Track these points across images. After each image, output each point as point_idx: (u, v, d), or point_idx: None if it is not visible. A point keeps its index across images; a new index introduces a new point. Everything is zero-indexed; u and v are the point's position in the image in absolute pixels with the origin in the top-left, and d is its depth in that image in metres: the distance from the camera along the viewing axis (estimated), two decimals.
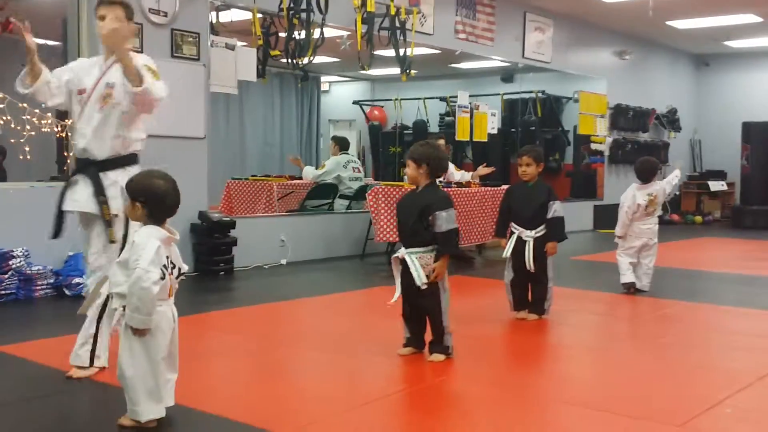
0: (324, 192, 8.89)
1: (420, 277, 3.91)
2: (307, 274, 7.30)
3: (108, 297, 3.30)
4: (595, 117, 12.33)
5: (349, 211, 8.80)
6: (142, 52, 6.53)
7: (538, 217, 5.14)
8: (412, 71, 8.75)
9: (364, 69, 8.15)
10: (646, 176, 6.34)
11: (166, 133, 6.77)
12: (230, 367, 4.04)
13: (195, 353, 4.08)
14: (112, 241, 3.57)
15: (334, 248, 8.38)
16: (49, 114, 6.23)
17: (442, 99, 13.05)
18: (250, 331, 4.90)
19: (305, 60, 7.62)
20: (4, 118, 6.00)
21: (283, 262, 7.73)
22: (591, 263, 8.53)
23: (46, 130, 6.25)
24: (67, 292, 5.74)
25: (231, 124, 12.67)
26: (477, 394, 3.62)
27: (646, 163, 6.48)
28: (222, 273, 6.98)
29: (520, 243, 5.14)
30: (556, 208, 5.14)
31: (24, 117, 6.11)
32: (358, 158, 14.19)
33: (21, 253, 5.72)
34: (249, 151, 13.22)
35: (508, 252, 5.18)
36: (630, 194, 6.31)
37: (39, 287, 5.73)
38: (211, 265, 6.93)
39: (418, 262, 3.95)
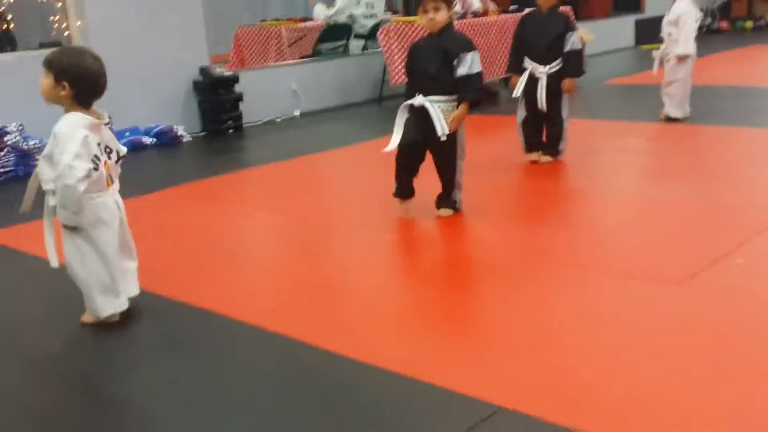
0: (337, 33, 8.37)
1: (443, 127, 3.62)
2: (322, 124, 6.96)
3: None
4: None
5: (364, 52, 8.29)
6: None
7: (554, 50, 4.65)
8: None
9: None
10: None
11: None
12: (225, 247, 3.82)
13: (190, 229, 3.89)
14: None
15: (349, 94, 7.97)
16: None
17: None
18: (230, 199, 4.64)
19: None
20: None
21: (297, 113, 7.38)
22: (627, 88, 7.91)
23: None
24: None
25: None
26: (481, 258, 3.35)
27: None
28: (231, 131, 6.69)
29: (533, 80, 4.69)
30: (574, 40, 4.63)
31: None
32: None
33: (15, 128, 5.49)
34: None
35: (518, 91, 4.74)
36: (689, 4, 5.67)
37: (37, 162, 5.53)
38: (218, 123, 6.64)
39: (439, 111, 3.64)
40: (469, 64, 3.65)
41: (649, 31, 11.43)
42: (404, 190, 3.94)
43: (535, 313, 2.70)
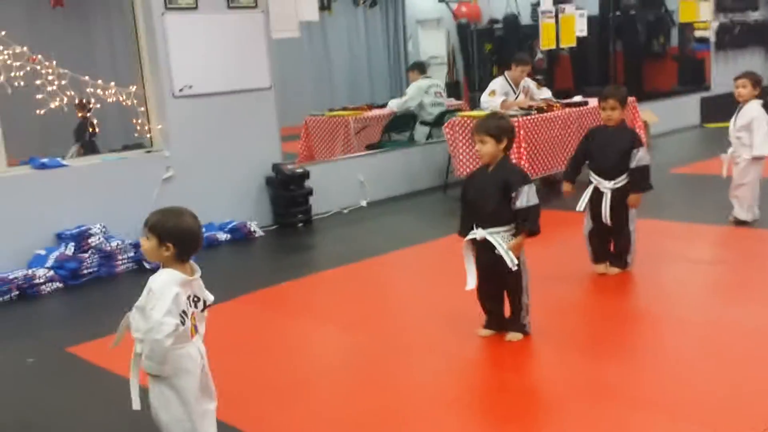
0: (403, 122, 8.59)
1: (512, 259, 3.76)
2: (387, 217, 7.12)
3: None
4: (698, 1, 11.26)
5: (429, 141, 8.48)
6: (196, 7, 6.34)
7: (619, 166, 4.71)
8: None
9: None
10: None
11: (230, 88, 6.64)
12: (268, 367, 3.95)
13: (254, 352, 4.03)
14: None
15: (415, 182, 8.14)
16: (112, 83, 6.19)
17: None
18: (300, 309, 4.79)
19: None
20: (69, 93, 5.99)
21: (363, 203, 7.57)
22: (695, 179, 7.87)
23: (111, 100, 6.22)
24: (146, 265, 5.76)
25: (314, 43, 12.45)
26: (548, 393, 3.40)
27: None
28: (300, 224, 6.89)
29: (598, 194, 4.76)
30: (641, 156, 4.68)
31: (87, 90, 6.10)
32: (448, 59, 13.85)
33: (99, 230, 5.78)
34: (335, 63, 13.01)
35: (582, 205, 4.81)
36: (761, 108, 5.67)
37: (120, 262, 5.81)
38: (288, 217, 6.86)
39: (504, 244, 3.77)
40: (526, 197, 3.76)
41: (715, 110, 11.40)
42: (493, 323, 4.03)
43: None
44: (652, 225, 5.83)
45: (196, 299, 2.89)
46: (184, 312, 2.79)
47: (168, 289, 2.75)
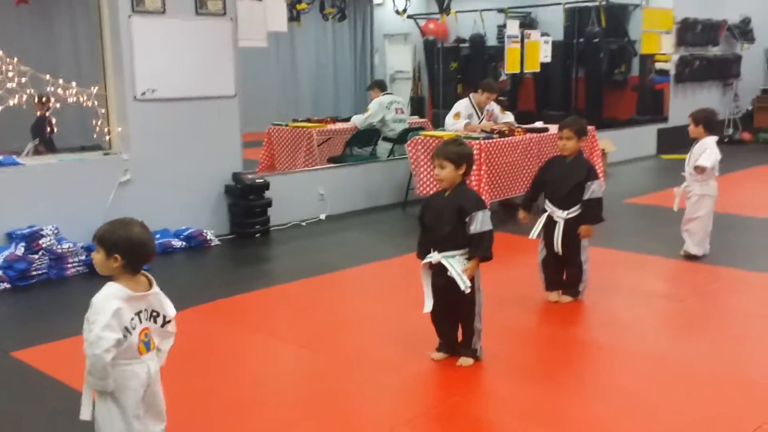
0: (366, 137, 8.62)
1: (464, 282, 3.80)
2: (346, 232, 7.12)
3: None
4: (660, 34, 11.52)
5: (391, 158, 8.52)
6: (164, 11, 6.29)
7: (573, 197, 4.80)
8: None
9: None
10: (716, 128, 5.91)
11: (194, 94, 6.60)
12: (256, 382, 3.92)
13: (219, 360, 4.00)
14: None
15: (375, 197, 8.17)
16: (74, 83, 6.10)
17: (500, 11, 12.33)
18: (254, 323, 4.78)
19: None
20: (29, 91, 5.89)
21: (322, 216, 7.56)
22: (649, 210, 8.03)
23: (71, 100, 6.14)
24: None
25: (281, 49, 12.45)
26: (496, 419, 3.43)
27: (715, 114, 6.05)
28: (258, 235, 6.86)
29: (551, 223, 4.84)
30: (594, 189, 4.78)
31: (48, 89, 6.00)
32: (414, 75, 13.94)
33: (51, 231, 5.68)
34: (302, 73, 13.04)
35: (535, 233, 4.89)
36: (713, 144, 5.80)
37: (71, 265, 5.71)
38: (246, 227, 6.83)
39: (458, 266, 3.81)
40: (479, 224, 3.81)
41: (672, 141, 11.65)
42: (446, 346, 4.06)
43: None
44: (605, 254, 5.93)
45: (154, 314, 2.84)
46: (126, 328, 2.74)
47: (108, 303, 2.72)
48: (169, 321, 2.88)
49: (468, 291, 3.81)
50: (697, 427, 3.30)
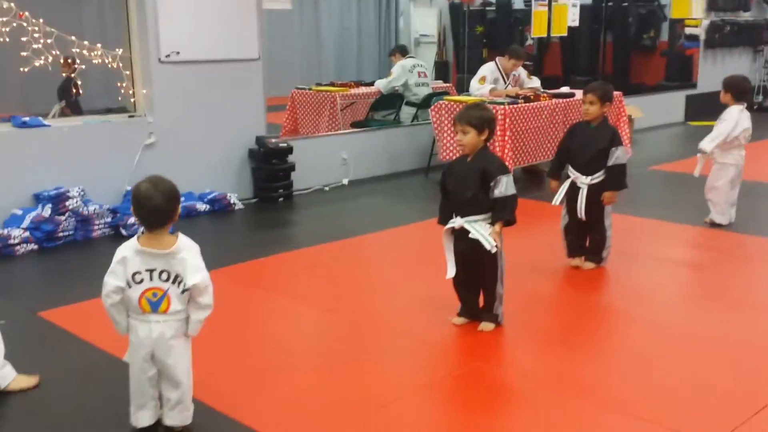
0: (389, 102, 8.58)
1: (489, 242, 3.79)
2: (369, 197, 7.12)
3: None
4: None
5: (414, 123, 8.47)
6: None
7: (597, 163, 4.76)
8: None
9: None
10: (746, 96, 5.81)
11: (218, 57, 6.59)
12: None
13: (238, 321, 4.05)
14: None
15: (398, 163, 8.15)
16: (99, 45, 6.11)
17: None
18: (276, 287, 4.80)
19: None
20: (54, 52, 5.91)
21: (345, 181, 7.57)
22: (674, 177, 7.93)
23: (96, 62, 6.16)
24: (123, 231, 5.74)
25: (305, 12, 12.38)
26: (516, 384, 3.45)
27: (746, 81, 5.94)
28: (281, 199, 6.88)
29: (574, 188, 4.81)
30: (618, 155, 4.73)
31: (73, 50, 6.02)
32: (439, 39, 13.80)
33: (77, 193, 5.73)
34: (325, 36, 12.96)
35: (558, 199, 4.86)
36: (735, 115, 5.71)
37: (96, 227, 5.78)
38: (269, 191, 6.85)
39: (482, 230, 3.81)
40: (504, 187, 3.80)
41: (700, 108, 11.49)
42: (467, 311, 4.08)
43: None
44: (629, 221, 5.89)
45: (177, 278, 2.81)
46: (128, 280, 2.77)
47: (119, 251, 2.83)
48: (187, 289, 2.81)
49: (494, 251, 3.81)
50: (719, 396, 3.30)
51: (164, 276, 2.80)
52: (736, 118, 5.70)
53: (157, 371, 2.88)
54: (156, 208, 2.76)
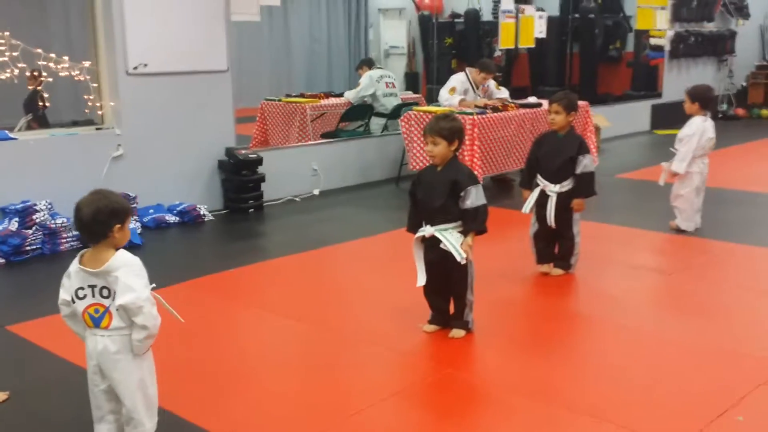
0: (359, 113, 8.61)
1: (460, 253, 3.82)
2: (339, 207, 7.14)
3: None
4: (655, 9, 11.48)
5: (384, 134, 8.52)
6: None
7: (565, 171, 4.84)
8: None
9: None
10: (710, 105, 5.92)
11: (186, 69, 6.57)
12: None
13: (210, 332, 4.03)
14: None
15: (369, 173, 8.18)
16: (66, 57, 6.08)
17: None
18: (247, 297, 4.80)
19: None
20: (20, 65, 5.87)
21: (316, 192, 7.58)
22: (639, 185, 8.05)
23: (63, 74, 6.11)
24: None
25: (275, 24, 12.40)
26: (487, 390, 3.47)
27: (711, 91, 6.04)
28: (251, 210, 6.87)
29: (544, 196, 4.87)
30: (586, 163, 4.81)
31: (39, 63, 5.98)
32: (408, 50, 13.88)
33: (44, 206, 5.68)
34: (295, 48, 12.99)
35: (528, 207, 4.92)
36: (699, 126, 5.81)
37: (64, 240, 5.72)
38: (239, 202, 6.84)
39: (452, 239, 3.84)
40: (474, 198, 3.84)
41: (665, 117, 11.67)
42: (438, 319, 4.10)
43: None
44: (597, 228, 5.97)
45: (107, 291, 2.71)
46: (77, 294, 2.76)
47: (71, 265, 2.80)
48: (121, 305, 2.68)
49: (464, 262, 3.85)
50: (685, 399, 3.35)
51: (105, 293, 2.72)
52: (700, 129, 5.80)
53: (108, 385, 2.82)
54: (81, 224, 2.72)
